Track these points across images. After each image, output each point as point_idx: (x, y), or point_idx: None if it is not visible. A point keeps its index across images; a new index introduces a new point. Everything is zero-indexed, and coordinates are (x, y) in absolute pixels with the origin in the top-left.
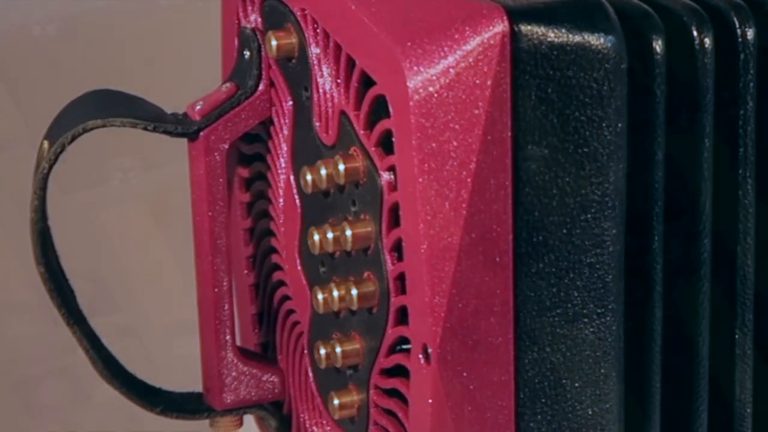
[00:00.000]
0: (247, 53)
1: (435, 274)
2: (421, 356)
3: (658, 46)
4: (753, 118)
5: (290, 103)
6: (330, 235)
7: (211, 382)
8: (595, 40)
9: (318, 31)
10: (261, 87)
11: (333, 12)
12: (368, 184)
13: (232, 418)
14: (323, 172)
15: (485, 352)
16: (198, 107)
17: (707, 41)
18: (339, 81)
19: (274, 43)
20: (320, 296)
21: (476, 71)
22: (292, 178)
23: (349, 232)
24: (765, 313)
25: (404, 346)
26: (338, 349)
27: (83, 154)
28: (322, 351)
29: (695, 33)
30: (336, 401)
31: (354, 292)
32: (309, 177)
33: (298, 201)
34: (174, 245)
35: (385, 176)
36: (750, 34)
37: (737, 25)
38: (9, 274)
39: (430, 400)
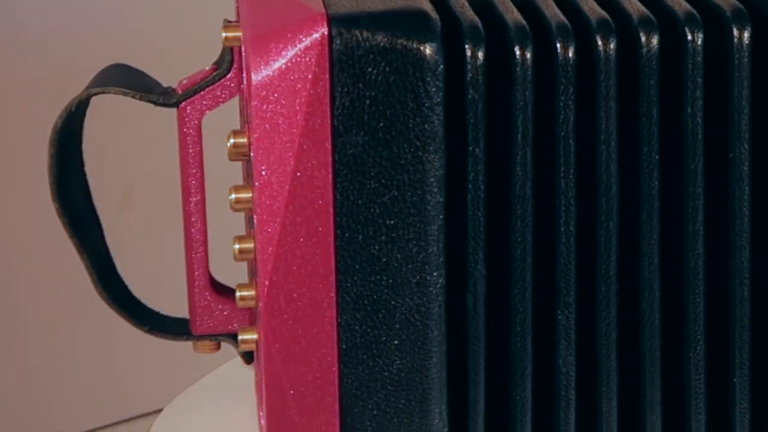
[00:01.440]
0: None
1: (265, 235)
2: (260, 303)
3: (477, 56)
4: (572, 124)
5: (243, 84)
6: (232, 197)
7: (190, 310)
8: (413, 46)
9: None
10: (233, 70)
11: (241, 9)
12: (250, 157)
13: (209, 342)
14: (228, 144)
15: (309, 306)
16: (183, 83)
17: (527, 55)
18: (244, 67)
19: (223, 34)
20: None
21: (300, 68)
22: None
23: (233, 196)
24: (587, 299)
25: None
26: (238, 293)
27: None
28: (236, 293)
29: (516, 48)
30: (239, 337)
31: (237, 246)
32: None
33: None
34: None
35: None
36: (570, 51)
37: (559, 43)
38: None
39: (263, 340)
